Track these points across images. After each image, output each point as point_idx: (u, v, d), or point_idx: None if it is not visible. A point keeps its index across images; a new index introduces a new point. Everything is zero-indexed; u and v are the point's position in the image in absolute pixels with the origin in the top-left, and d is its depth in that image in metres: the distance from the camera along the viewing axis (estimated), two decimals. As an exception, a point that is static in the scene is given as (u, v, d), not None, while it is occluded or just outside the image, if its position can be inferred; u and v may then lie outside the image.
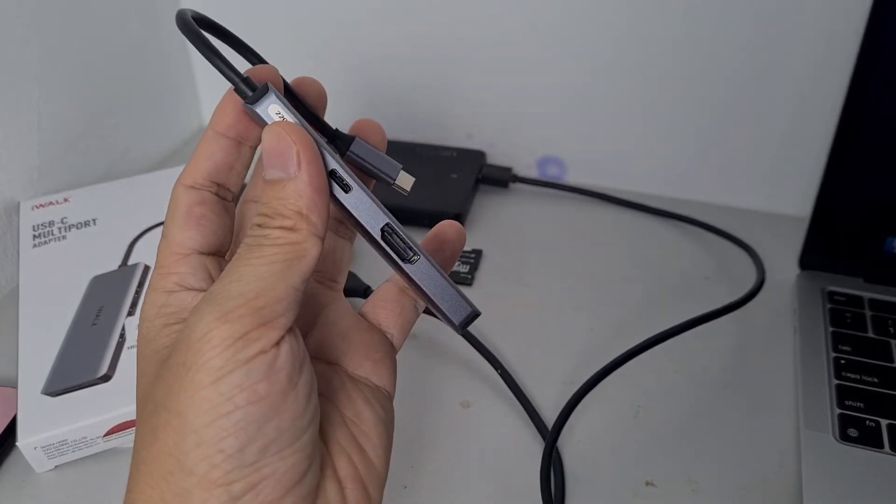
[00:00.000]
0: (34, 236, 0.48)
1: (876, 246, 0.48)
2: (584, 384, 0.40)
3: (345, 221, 0.28)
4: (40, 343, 0.41)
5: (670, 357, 0.44)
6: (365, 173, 0.27)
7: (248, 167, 0.25)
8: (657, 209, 0.58)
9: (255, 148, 0.25)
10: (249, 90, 0.23)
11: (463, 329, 0.25)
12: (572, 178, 0.63)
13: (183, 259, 0.24)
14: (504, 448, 0.40)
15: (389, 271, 0.26)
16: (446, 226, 0.28)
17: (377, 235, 0.24)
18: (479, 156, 0.61)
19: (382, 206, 0.24)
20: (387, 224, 0.24)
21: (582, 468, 0.39)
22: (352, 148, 0.26)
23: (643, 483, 0.38)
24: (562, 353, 0.45)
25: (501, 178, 0.60)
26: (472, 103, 0.62)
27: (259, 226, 0.22)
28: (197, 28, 0.23)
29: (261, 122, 0.23)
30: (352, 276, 0.49)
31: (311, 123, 0.25)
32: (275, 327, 0.21)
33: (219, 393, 0.20)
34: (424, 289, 0.24)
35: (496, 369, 0.44)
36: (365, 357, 0.26)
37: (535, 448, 0.40)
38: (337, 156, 0.23)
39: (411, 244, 0.24)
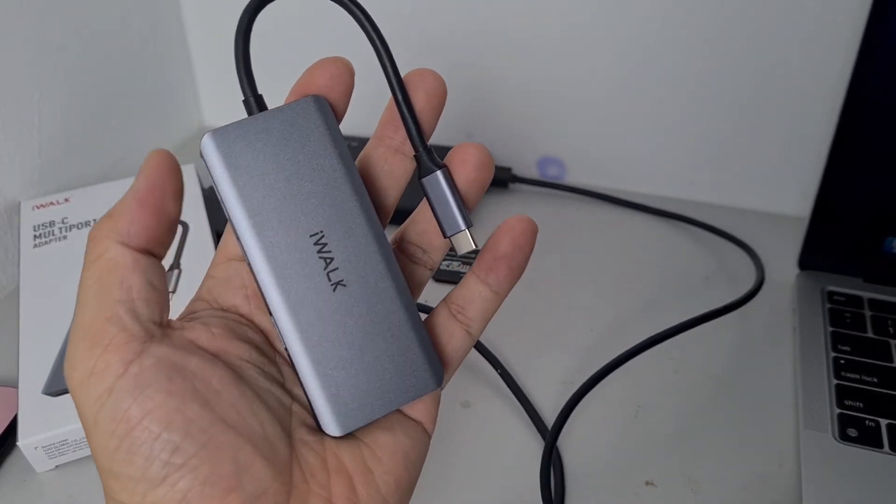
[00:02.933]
0: (35, 236, 0.48)
1: (875, 246, 0.48)
2: (583, 384, 0.40)
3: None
4: (41, 343, 0.41)
5: (670, 357, 0.44)
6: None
7: None
8: (657, 209, 0.58)
9: None
10: None
11: (319, 428, 0.24)
12: (572, 178, 0.63)
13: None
14: (504, 448, 0.40)
15: (437, 297, 0.26)
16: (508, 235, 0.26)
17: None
18: (479, 156, 0.61)
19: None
20: (271, 313, 0.23)
21: (582, 468, 0.39)
22: (426, 178, 0.24)
23: (643, 483, 0.38)
24: (562, 353, 0.46)
25: (501, 179, 0.60)
26: (471, 103, 0.62)
27: None
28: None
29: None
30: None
31: (406, 127, 0.24)
32: (117, 347, 0.20)
33: (102, 431, 0.20)
34: (301, 379, 0.24)
35: (496, 369, 0.44)
36: None
37: (535, 448, 0.40)
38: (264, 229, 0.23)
39: (283, 348, 0.23)
